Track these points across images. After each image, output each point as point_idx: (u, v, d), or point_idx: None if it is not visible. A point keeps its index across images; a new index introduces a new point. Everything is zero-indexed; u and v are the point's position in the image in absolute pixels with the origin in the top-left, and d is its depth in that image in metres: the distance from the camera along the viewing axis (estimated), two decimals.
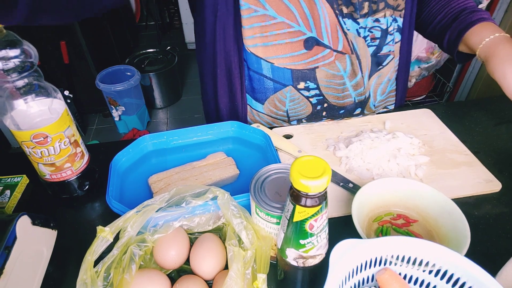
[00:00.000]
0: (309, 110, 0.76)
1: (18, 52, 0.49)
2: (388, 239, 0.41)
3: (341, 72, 0.71)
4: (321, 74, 0.71)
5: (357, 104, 0.76)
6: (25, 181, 0.67)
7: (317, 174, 0.34)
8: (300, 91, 0.73)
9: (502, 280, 0.41)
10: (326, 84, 0.72)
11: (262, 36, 0.67)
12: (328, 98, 0.74)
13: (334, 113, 0.77)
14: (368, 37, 0.69)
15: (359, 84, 0.73)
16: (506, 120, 0.77)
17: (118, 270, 0.44)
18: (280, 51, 0.68)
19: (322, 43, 0.67)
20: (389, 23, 0.69)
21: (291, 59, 0.69)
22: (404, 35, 0.73)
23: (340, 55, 0.69)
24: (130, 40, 3.07)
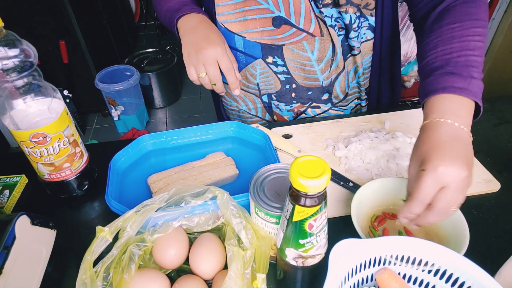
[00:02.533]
0: (277, 86, 0.79)
1: (17, 52, 0.49)
2: (387, 239, 0.41)
3: (308, 53, 0.72)
4: (287, 52, 0.73)
5: (324, 88, 0.78)
6: (24, 180, 0.67)
7: (316, 174, 0.34)
8: (269, 65, 0.75)
9: (501, 279, 0.41)
10: (293, 63, 0.75)
11: (235, 12, 0.70)
12: (295, 78, 0.77)
13: (302, 95, 0.79)
14: (336, 27, 0.70)
15: (326, 67, 0.75)
16: (505, 121, 0.77)
17: (118, 270, 0.44)
18: (251, 25, 0.71)
19: (290, 22, 0.70)
20: (353, 20, 0.69)
21: (260, 34, 0.72)
22: (376, 35, 0.73)
23: (309, 37, 0.71)
24: (130, 40, 3.07)
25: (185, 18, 0.69)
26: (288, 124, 0.77)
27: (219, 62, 0.65)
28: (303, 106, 0.82)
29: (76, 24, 1.95)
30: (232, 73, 0.66)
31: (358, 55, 0.75)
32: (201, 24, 0.68)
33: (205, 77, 0.66)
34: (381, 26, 0.72)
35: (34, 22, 1.91)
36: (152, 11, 3.32)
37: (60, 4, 1.87)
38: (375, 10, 0.70)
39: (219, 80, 0.66)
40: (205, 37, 0.65)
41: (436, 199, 0.43)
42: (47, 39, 1.97)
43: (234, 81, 0.67)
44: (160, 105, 2.52)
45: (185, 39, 0.67)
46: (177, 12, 0.70)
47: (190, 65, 0.66)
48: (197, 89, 2.70)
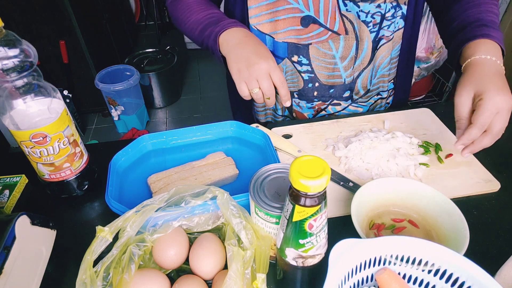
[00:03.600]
0: (300, 84, 0.81)
1: (17, 52, 0.49)
2: (387, 239, 0.41)
3: (333, 51, 0.75)
4: (313, 51, 0.75)
5: (346, 85, 0.80)
6: (24, 180, 0.67)
7: (316, 174, 0.34)
8: (294, 64, 0.78)
9: (501, 279, 0.41)
10: (317, 62, 0.77)
11: (267, 13, 0.72)
12: (319, 76, 0.79)
13: (324, 93, 0.81)
14: (371, 23, 0.72)
15: (350, 65, 0.77)
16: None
17: (117, 270, 0.44)
18: (280, 26, 0.73)
19: (318, 21, 0.71)
20: (388, 9, 0.71)
21: (288, 33, 0.74)
22: (407, 22, 0.75)
23: (335, 35, 0.73)
24: (130, 40, 3.07)
25: (227, 33, 0.68)
26: (288, 124, 0.77)
27: (272, 76, 0.64)
28: (324, 104, 0.83)
29: (76, 24, 1.95)
30: (285, 85, 0.66)
31: (387, 44, 0.76)
32: (247, 38, 0.67)
33: (258, 92, 0.64)
34: (413, 14, 0.74)
35: (34, 22, 1.91)
36: (152, 11, 3.32)
37: (60, 4, 1.87)
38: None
39: (273, 93, 0.65)
40: (255, 52, 0.64)
41: (493, 122, 0.54)
42: (47, 39, 1.97)
43: (286, 93, 0.66)
44: (160, 105, 2.52)
45: (233, 55, 0.66)
46: (216, 26, 0.68)
47: (242, 81, 0.64)
48: (197, 89, 2.70)
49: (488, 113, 0.53)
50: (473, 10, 0.66)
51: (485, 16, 0.65)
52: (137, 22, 3.54)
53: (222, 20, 0.69)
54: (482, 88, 0.55)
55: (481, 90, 0.55)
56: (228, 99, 1.00)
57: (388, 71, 0.82)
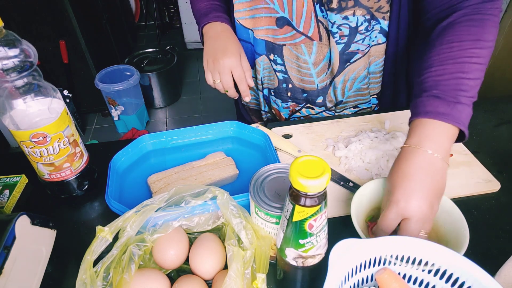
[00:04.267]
0: (275, 83, 0.82)
1: (17, 52, 0.49)
2: (387, 239, 0.41)
3: (305, 56, 0.75)
4: (287, 52, 0.76)
5: (319, 90, 0.80)
6: (24, 180, 0.67)
7: (316, 174, 0.34)
8: (271, 62, 0.79)
9: (501, 279, 0.41)
10: (290, 64, 0.77)
11: (247, 10, 0.74)
12: (292, 79, 0.79)
13: (298, 96, 0.82)
14: (337, 34, 0.70)
15: (323, 70, 0.76)
16: (505, 121, 0.77)
17: (118, 270, 0.44)
18: (258, 23, 0.75)
19: (291, 24, 0.71)
20: (360, 22, 0.68)
21: (265, 32, 0.75)
22: (390, 39, 0.71)
23: (308, 40, 0.73)
24: (130, 40, 3.07)
25: (209, 25, 0.75)
26: (288, 124, 0.77)
27: (233, 72, 0.71)
28: (297, 106, 0.84)
29: (76, 24, 1.95)
30: (243, 82, 0.72)
31: (360, 60, 0.73)
32: (222, 33, 0.74)
33: (219, 84, 0.72)
34: (397, 30, 0.70)
35: (34, 22, 1.91)
36: (152, 11, 3.32)
37: (60, 4, 1.86)
38: (390, 14, 0.68)
39: (231, 87, 0.72)
40: (223, 48, 0.71)
41: (400, 229, 0.46)
42: (47, 39, 1.97)
43: (244, 90, 0.73)
44: (160, 105, 2.52)
45: (206, 46, 0.74)
46: (204, 17, 0.76)
47: (208, 71, 0.73)
48: (197, 89, 2.70)
49: (390, 217, 0.46)
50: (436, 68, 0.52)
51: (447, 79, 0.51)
52: (137, 22, 3.54)
53: (212, 12, 0.76)
54: (392, 188, 0.47)
55: (391, 190, 0.48)
56: (228, 100, 1.00)
57: (367, 85, 0.79)
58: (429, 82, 0.52)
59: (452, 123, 0.48)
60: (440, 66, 0.52)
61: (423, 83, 0.53)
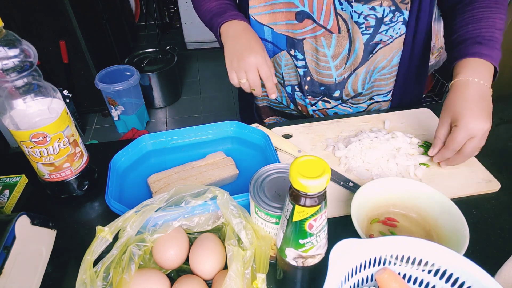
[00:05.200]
0: (298, 79, 0.82)
1: (17, 52, 0.49)
2: (387, 239, 0.41)
3: (324, 49, 0.75)
4: (307, 46, 0.76)
5: (337, 84, 0.80)
6: (24, 180, 0.67)
7: (316, 174, 0.34)
8: (292, 58, 0.80)
9: (501, 279, 0.41)
10: (310, 57, 0.78)
11: (264, 5, 0.74)
12: (311, 71, 0.80)
13: (315, 89, 0.82)
14: (363, 25, 0.71)
15: (341, 64, 0.77)
16: (505, 121, 0.77)
17: (118, 270, 0.44)
18: (278, 18, 0.75)
19: (312, 17, 0.72)
20: (386, 13, 0.70)
21: (286, 27, 0.75)
22: (409, 29, 0.73)
23: (327, 33, 0.73)
24: (130, 40, 3.07)
25: (227, 24, 0.74)
26: (288, 124, 0.77)
27: (259, 70, 0.70)
28: (314, 99, 0.84)
29: (76, 24, 1.95)
30: (270, 80, 0.71)
31: (384, 49, 0.74)
32: (244, 32, 0.73)
33: (245, 83, 0.71)
34: (415, 21, 0.72)
35: (34, 22, 1.91)
36: (152, 11, 3.33)
37: (60, 4, 1.86)
38: (410, 4, 0.70)
39: (258, 86, 0.72)
40: (248, 46, 0.70)
41: (465, 146, 0.58)
42: (47, 39, 1.97)
43: (271, 87, 0.72)
44: (160, 105, 2.52)
45: (228, 46, 0.72)
46: (220, 17, 0.75)
47: (232, 70, 0.71)
48: (197, 89, 2.70)
49: (458, 139, 0.57)
50: (473, 25, 0.65)
51: (484, 32, 0.63)
52: (137, 22, 3.54)
53: (227, 11, 0.75)
54: (458, 115, 0.58)
55: (457, 116, 0.58)
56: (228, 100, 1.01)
57: (386, 76, 0.80)
58: (469, 34, 0.64)
59: (492, 62, 0.61)
60: (477, 24, 0.65)
61: (462, 36, 0.65)
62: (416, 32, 0.73)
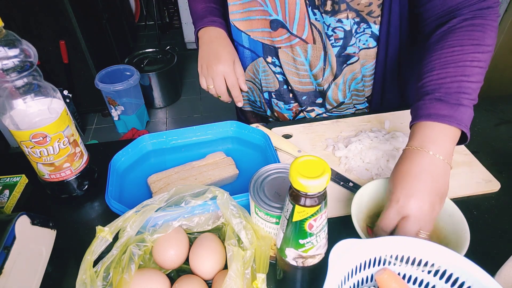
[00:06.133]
0: (276, 85, 0.81)
1: (17, 52, 0.49)
2: (387, 239, 0.41)
3: (301, 58, 0.74)
4: (283, 55, 0.75)
5: (317, 92, 0.80)
6: (24, 180, 0.67)
7: (316, 174, 0.34)
8: (269, 65, 0.79)
9: (501, 279, 0.41)
10: (287, 66, 0.77)
11: (241, 12, 0.74)
12: (291, 82, 0.79)
13: (299, 99, 0.81)
14: (332, 37, 0.70)
15: (319, 74, 0.76)
16: (505, 121, 0.77)
17: (118, 270, 0.44)
18: (254, 25, 0.74)
19: (285, 26, 0.71)
20: (351, 25, 0.67)
21: (261, 34, 0.75)
22: (380, 43, 0.70)
23: (302, 43, 0.72)
24: (130, 40, 3.07)
25: (204, 30, 0.76)
26: (288, 124, 0.77)
27: (226, 78, 0.72)
28: (300, 107, 0.83)
29: (76, 24, 1.95)
30: (236, 88, 0.73)
31: (357, 63, 0.73)
32: (216, 39, 0.75)
33: (212, 89, 0.74)
34: (386, 36, 0.69)
35: (34, 22, 1.91)
36: (152, 11, 3.32)
37: (60, 4, 1.87)
38: (381, 18, 0.67)
39: (224, 93, 0.74)
40: (216, 54, 0.73)
41: (398, 228, 0.46)
42: (47, 39, 1.97)
43: (237, 96, 0.75)
44: (160, 105, 2.52)
45: (200, 51, 0.75)
46: (199, 21, 0.78)
47: (202, 76, 0.75)
48: (197, 89, 2.70)
49: (389, 216, 0.47)
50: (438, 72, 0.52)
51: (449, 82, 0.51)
52: (137, 22, 3.54)
53: (208, 16, 0.77)
54: (393, 188, 0.48)
55: (392, 189, 0.48)
56: None
57: (362, 87, 0.79)
58: (431, 85, 0.52)
59: (455, 125, 0.48)
60: (442, 70, 0.52)
61: (424, 86, 0.53)
62: (388, 44, 0.70)
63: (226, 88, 0.73)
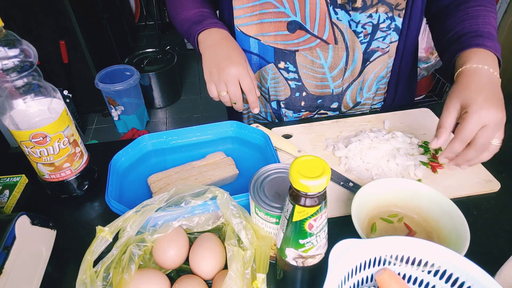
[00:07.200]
0: (287, 93, 0.78)
1: (17, 52, 0.49)
2: (387, 239, 0.41)
3: (321, 60, 0.72)
4: (300, 58, 0.72)
5: (334, 96, 0.78)
6: (24, 180, 0.67)
7: (316, 174, 0.34)
8: (280, 71, 0.75)
9: (501, 279, 0.41)
10: (305, 70, 0.74)
11: (252, 15, 0.69)
12: (306, 85, 0.76)
13: (312, 103, 0.79)
14: (361, 34, 0.69)
15: (339, 75, 0.74)
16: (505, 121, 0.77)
17: (118, 270, 0.44)
18: (266, 29, 0.70)
19: (304, 27, 0.68)
20: (381, 20, 0.68)
21: (274, 38, 0.71)
22: (401, 36, 0.71)
23: (323, 44, 0.70)
24: (130, 40, 3.07)
25: (206, 33, 0.69)
26: (288, 124, 0.77)
27: (241, 82, 0.65)
28: (310, 114, 0.82)
29: (76, 24, 1.95)
30: (253, 92, 0.66)
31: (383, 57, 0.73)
32: (223, 40, 0.68)
33: (225, 95, 0.66)
34: (407, 28, 0.70)
35: (34, 22, 1.91)
36: (152, 11, 3.33)
37: (60, 4, 1.87)
38: (404, 11, 0.68)
39: (240, 99, 0.67)
40: (227, 56, 0.65)
41: (477, 136, 0.52)
42: (47, 39, 1.97)
43: (254, 100, 0.67)
44: (160, 105, 2.52)
45: (206, 56, 0.67)
46: (198, 25, 0.70)
47: (211, 82, 0.66)
48: (197, 89, 2.70)
49: (471, 127, 0.51)
50: (469, 21, 0.63)
51: (482, 27, 0.62)
52: (137, 22, 3.54)
53: (206, 19, 0.71)
54: (469, 101, 0.52)
55: (468, 102, 0.52)
56: None
57: (385, 84, 0.79)
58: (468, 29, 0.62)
59: (497, 54, 0.58)
60: (473, 20, 0.63)
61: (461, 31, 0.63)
62: (406, 38, 0.72)
63: (241, 93, 0.66)
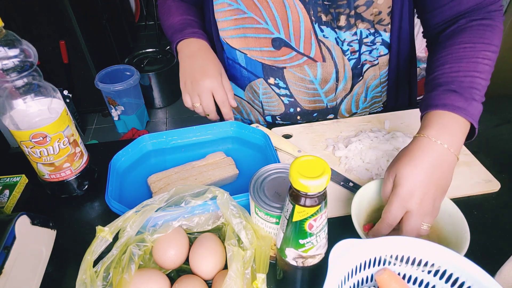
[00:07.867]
0: (281, 108, 0.77)
1: (17, 52, 0.49)
2: (387, 239, 0.41)
3: (310, 77, 0.70)
4: (289, 75, 0.71)
5: (329, 109, 0.77)
6: (24, 180, 0.67)
7: (316, 174, 0.34)
8: (271, 86, 0.74)
9: (501, 279, 0.41)
10: (296, 87, 0.73)
11: (236, 28, 0.68)
12: (300, 102, 0.75)
13: (309, 117, 0.78)
14: (348, 51, 0.68)
15: (331, 91, 0.73)
16: (506, 121, 0.77)
17: (118, 270, 0.44)
18: (251, 43, 0.69)
19: (290, 45, 0.67)
20: (364, 35, 0.67)
21: (261, 53, 0.70)
22: (392, 50, 0.70)
23: (311, 61, 0.69)
24: (130, 40, 3.07)
25: (184, 42, 0.69)
26: (288, 124, 0.77)
27: (214, 94, 0.66)
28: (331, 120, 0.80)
29: (76, 24, 1.95)
30: (226, 105, 0.67)
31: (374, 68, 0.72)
32: (199, 52, 0.68)
33: (199, 107, 0.67)
34: (398, 42, 0.69)
35: (34, 22, 1.91)
36: (152, 11, 3.33)
37: (60, 4, 1.87)
38: (390, 26, 0.67)
39: (213, 111, 0.68)
40: (202, 68, 0.66)
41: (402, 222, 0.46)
42: (47, 39, 1.97)
43: (227, 113, 0.69)
44: (160, 105, 2.52)
45: (182, 66, 0.68)
46: (178, 33, 0.70)
47: (186, 93, 0.68)
48: None
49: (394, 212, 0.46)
50: (450, 65, 0.53)
51: (462, 76, 0.51)
52: (137, 22, 3.54)
53: (187, 28, 0.71)
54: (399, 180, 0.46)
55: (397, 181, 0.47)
56: None
57: (380, 93, 0.78)
58: (444, 77, 0.52)
59: (468, 118, 0.48)
60: (455, 64, 0.53)
61: (437, 79, 0.53)
62: (399, 52, 0.71)
63: (214, 105, 0.67)
